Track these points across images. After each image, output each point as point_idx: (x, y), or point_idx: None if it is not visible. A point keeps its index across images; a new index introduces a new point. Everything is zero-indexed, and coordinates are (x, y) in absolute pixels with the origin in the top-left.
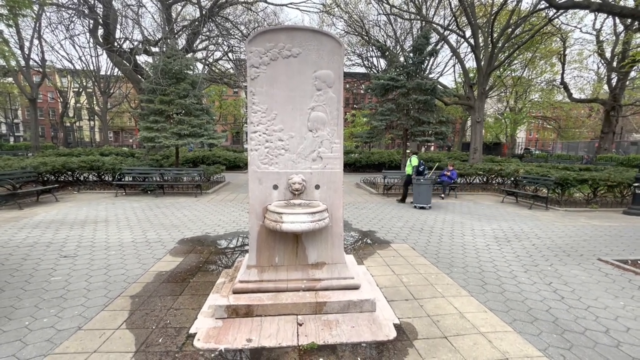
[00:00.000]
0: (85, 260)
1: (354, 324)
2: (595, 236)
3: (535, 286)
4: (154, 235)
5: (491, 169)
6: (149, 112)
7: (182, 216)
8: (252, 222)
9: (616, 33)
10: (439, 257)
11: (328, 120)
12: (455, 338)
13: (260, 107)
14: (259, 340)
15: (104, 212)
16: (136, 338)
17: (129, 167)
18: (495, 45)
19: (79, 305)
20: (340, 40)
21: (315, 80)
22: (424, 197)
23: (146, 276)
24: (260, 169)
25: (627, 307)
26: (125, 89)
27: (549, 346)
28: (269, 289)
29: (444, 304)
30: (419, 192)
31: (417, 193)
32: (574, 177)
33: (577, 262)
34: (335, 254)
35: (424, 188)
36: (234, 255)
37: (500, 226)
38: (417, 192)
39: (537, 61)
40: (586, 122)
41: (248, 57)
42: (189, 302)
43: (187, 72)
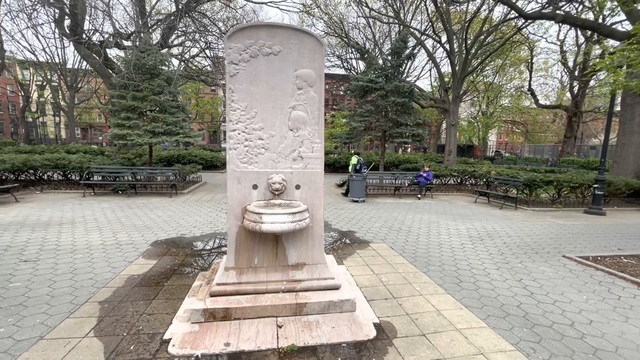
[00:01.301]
0: (48, 265)
1: (334, 325)
2: (560, 234)
3: (507, 283)
4: (125, 237)
5: (465, 170)
6: (120, 109)
7: (156, 217)
8: (230, 223)
9: (578, 44)
10: (417, 256)
11: (309, 120)
12: (433, 335)
13: (240, 105)
14: (237, 344)
15: (70, 213)
16: (105, 346)
17: (98, 165)
18: (469, 52)
19: (41, 313)
20: (321, 40)
21: (297, 79)
22: (357, 191)
23: (117, 280)
24: (240, 168)
25: (589, 300)
26: (95, 83)
27: (521, 340)
28: (248, 291)
29: (422, 302)
30: (353, 187)
31: (352, 188)
32: (541, 178)
33: (544, 259)
34: (315, 254)
35: (357, 184)
36: (211, 257)
37: (474, 225)
38: (352, 188)
39: (506, 68)
40: (551, 127)
41: (227, 53)
42: (163, 306)
43: (162, 68)
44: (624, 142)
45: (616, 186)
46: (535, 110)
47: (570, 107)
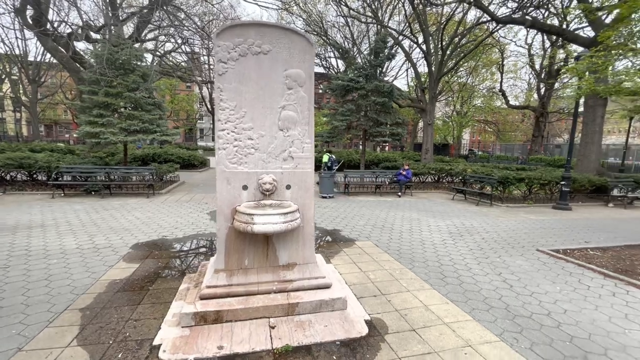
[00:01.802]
0: (19, 272)
1: (326, 323)
2: (532, 229)
3: (488, 277)
4: (102, 240)
5: (442, 169)
6: (92, 105)
7: (134, 219)
8: (220, 224)
9: (544, 48)
10: (401, 253)
11: (299, 120)
12: (422, 330)
13: (229, 104)
14: (230, 347)
15: (38, 216)
16: (90, 355)
17: (68, 165)
18: (444, 52)
19: (16, 323)
20: (311, 40)
21: (286, 79)
22: (326, 188)
23: (97, 286)
24: (229, 169)
25: (562, 291)
26: (60, 77)
27: (504, 331)
28: (239, 292)
29: (410, 298)
30: (322, 184)
31: (321, 184)
32: (514, 176)
33: (520, 252)
34: (306, 254)
35: (326, 181)
36: (197, 259)
37: (453, 222)
38: (321, 184)
39: (479, 69)
40: (520, 127)
41: (216, 51)
42: (150, 311)
43: (137, 63)
44: (586, 141)
45: (580, 183)
46: (506, 111)
47: (538, 108)
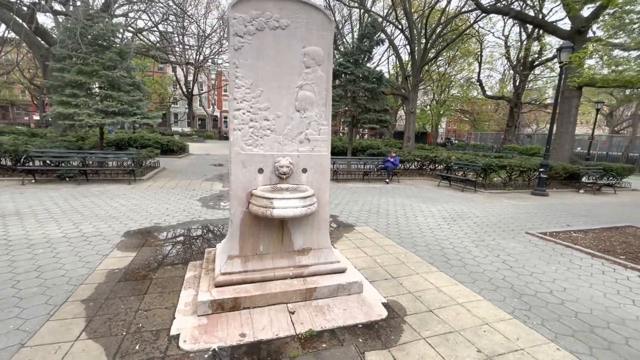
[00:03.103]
0: (3, 263)
1: (345, 307)
2: (517, 214)
3: (488, 259)
4: (90, 228)
5: (427, 156)
6: (63, 84)
7: (119, 206)
8: (234, 209)
9: (521, 40)
10: (402, 238)
11: (316, 101)
12: (439, 310)
13: (244, 82)
14: (253, 334)
15: (11, 204)
16: (105, 348)
17: (38, 149)
18: (428, 40)
19: (12, 318)
20: (330, 16)
21: (304, 57)
22: None
23: (95, 276)
24: (244, 151)
25: (558, 271)
26: (16, 54)
27: (515, 309)
28: (255, 279)
29: (420, 281)
30: None
31: None
32: (496, 163)
33: (511, 236)
34: (321, 239)
35: None
36: (197, 246)
37: (444, 207)
38: None
39: (457, 59)
40: (494, 117)
41: (231, 23)
42: (159, 301)
43: (113, 40)
44: (561, 131)
45: (555, 170)
46: (482, 101)
47: (512, 99)
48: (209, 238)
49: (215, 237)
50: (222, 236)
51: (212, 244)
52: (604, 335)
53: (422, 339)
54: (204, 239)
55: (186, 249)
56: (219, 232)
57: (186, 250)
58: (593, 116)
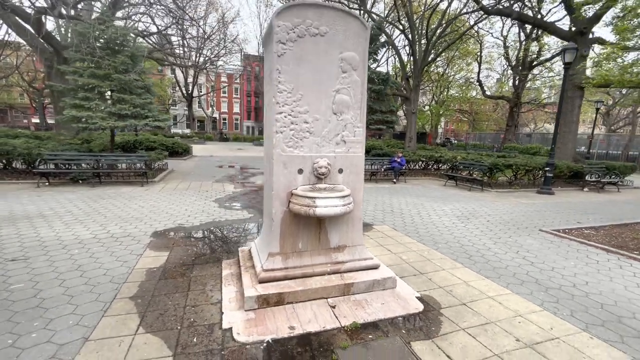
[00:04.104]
0: (43, 263)
1: (382, 301)
2: (527, 212)
3: (508, 255)
4: (117, 229)
5: (432, 156)
6: (76, 87)
7: (139, 207)
8: (275, 209)
9: (520, 41)
10: (421, 235)
11: (352, 104)
12: (472, 304)
13: (286, 87)
14: (301, 327)
15: (32, 206)
16: (165, 341)
17: (51, 152)
18: (429, 41)
19: (69, 314)
20: (366, 23)
21: (341, 62)
22: None
23: (135, 275)
24: (286, 153)
25: (577, 265)
26: (16, 57)
27: (543, 302)
28: (296, 275)
29: (448, 276)
30: None
31: None
32: (502, 162)
33: (526, 233)
34: (355, 236)
35: None
36: (225, 245)
37: (455, 206)
38: None
39: (456, 60)
40: (492, 116)
41: (275, 31)
42: (203, 297)
43: (125, 43)
44: (564, 130)
45: (560, 169)
46: (481, 100)
47: (512, 98)
48: (234, 237)
49: (240, 237)
50: (246, 236)
51: (240, 243)
52: (632, 325)
53: (461, 330)
54: (230, 239)
55: (216, 248)
56: (243, 232)
57: (216, 249)
58: (590, 115)
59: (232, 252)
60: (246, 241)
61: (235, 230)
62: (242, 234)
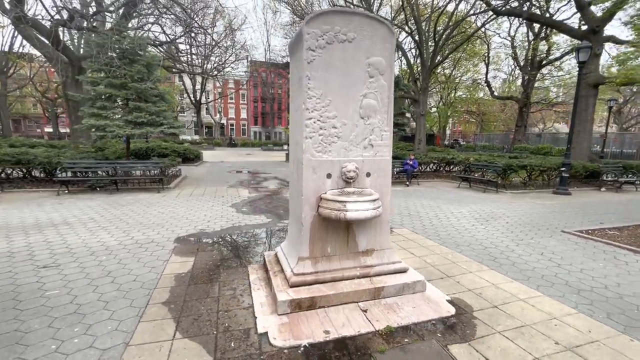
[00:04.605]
0: (74, 269)
1: (413, 305)
2: (545, 213)
3: (533, 257)
4: (140, 235)
5: (444, 158)
6: (94, 97)
7: (158, 213)
8: (305, 213)
9: (529, 40)
10: (442, 238)
11: (379, 108)
12: (504, 306)
13: (315, 93)
14: (336, 331)
15: (55, 214)
16: (204, 346)
17: (70, 160)
18: (437, 43)
19: (106, 320)
20: (392, 28)
21: (369, 67)
22: None
23: (165, 280)
24: (315, 157)
25: (606, 267)
26: (30, 68)
27: (577, 304)
28: (326, 279)
29: (475, 279)
30: None
31: None
32: (516, 163)
33: (548, 234)
34: (383, 240)
35: None
36: (248, 250)
37: (472, 208)
38: None
39: (462, 61)
40: (500, 117)
41: (305, 38)
42: (234, 302)
43: (140, 53)
44: (579, 129)
45: (576, 169)
46: (489, 101)
47: (521, 98)
48: (256, 242)
49: (262, 241)
50: (268, 240)
51: (263, 247)
52: None
53: (497, 333)
54: (252, 243)
55: (239, 253)
56: (264, 237)
57: (239, 253)
58: (601, 114)
59: (256, 256)
60: (268, 245)
61: (256, 235)
62: (263, 238)
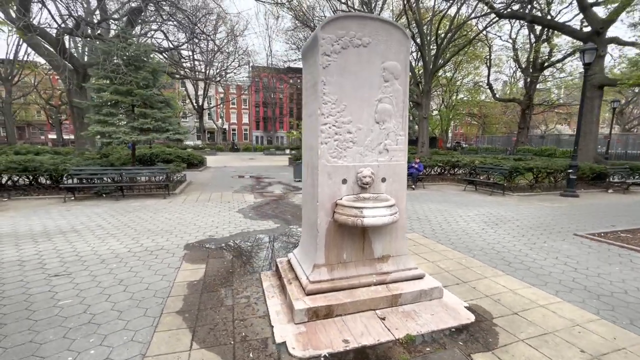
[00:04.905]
0: (85, 278)
1: (432, 312)
2: (555, 215)
3: (548, 261)
4: (149, 242)
5: (449, 161)
6: (101, 104)
7: (166, 220)
8: (320, 219)
9: (530, 42)
10: (454, 243)
11: (394, 113)
12: (524, 313)
13: (330, 98)
14: (355, 340)
15: (63, 221)
16: (222, 357)
17: (76, 167)
18: (439, 46)
19: (121, 330)
20: (407, 33)
21: (383, 72)
22: (298, 173)
23: (177, 289)
24: (330, 163)
25: (622, 271)
26: (34, 76)
27: (599, 310)
28: (343, 286)
29: (491, 284)
30: (296, 170)
31: (295, 170)
32: (523, 165)
33: (561, 238)
34: (399, 246)
35: (299, 167)
36: (259, 256)
37: (480, 211)
38: (295, 170)
39: (464, 64)
40: (502, 119)
41: (320, 43)
42: (249, 310)
43: (145, 59)
44: (585, 131)
45: (583, 171)
46: (491, 104)
47: (524, 100)
48: (266, 248)
49: (272, 247)
50: (278, 246)
51: (273, 253)
52: None
53: (520, 341)
54: (263, 249)
55: (250, 260)
56: (273, 242)
57: (250, 260)
58: (604, 115)
59: (267, 262)
60: (279, 252)
61: (265, 241)
62: (273, 244)
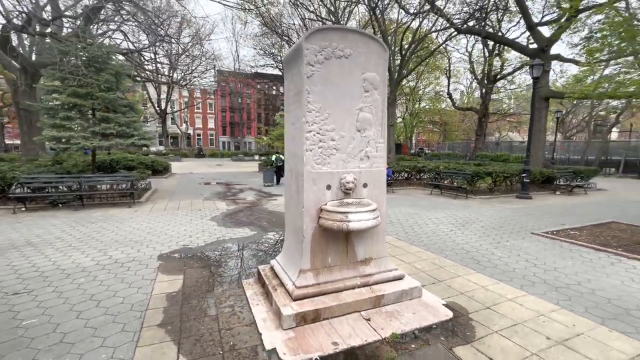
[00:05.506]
0: (50, 295)
1: (413, 311)
2: (514, 216)
3: (511, 258)
4: (118, 254)
5: (415, 166)
6: (56, 107)
7: (134, 230)
8: (306, 225)
9: (485, 56)
10: (426, 244)
11: (374, 121)
12: (496, 307)
13: (315, 107)
14: (344, 342)
15: (15, 234)
16: None
17: (27, 175)
18: (403, 57)
19: (99, 347)
20: (385, 46)
21: (364, 82)
22: (267, 178)
23: (155, 301)
24: (315, 170)
25: (574, 265)
26: None
27: (558, 300)
28: (329, 290)
29: (464, 282)
30: (266, 175)
31: (265, 176)
32: (483, 170)
33: (521, 236)
34: (379, 248)
35: (268, 173)
36: (238, 264)
37: (447, 214)
38: (265, 176)
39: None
40: (461, 126)
41: (305, 54)
42: (234, 319)
43: (108, 61)
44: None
45: (534, 175)
46: (451, 112)
47: (481, 109)
48: (245, 256)
49: (251, 255)
50: (257, 254)
51: (253, 261)
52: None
53: (494, 333)
54: (241, 257)
55: (230, 268)
56: (252, 250)
57: (230, 269)
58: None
59: (248, 270)
60: (260, 259)
61: (243, 249)
62: (252, 252)
